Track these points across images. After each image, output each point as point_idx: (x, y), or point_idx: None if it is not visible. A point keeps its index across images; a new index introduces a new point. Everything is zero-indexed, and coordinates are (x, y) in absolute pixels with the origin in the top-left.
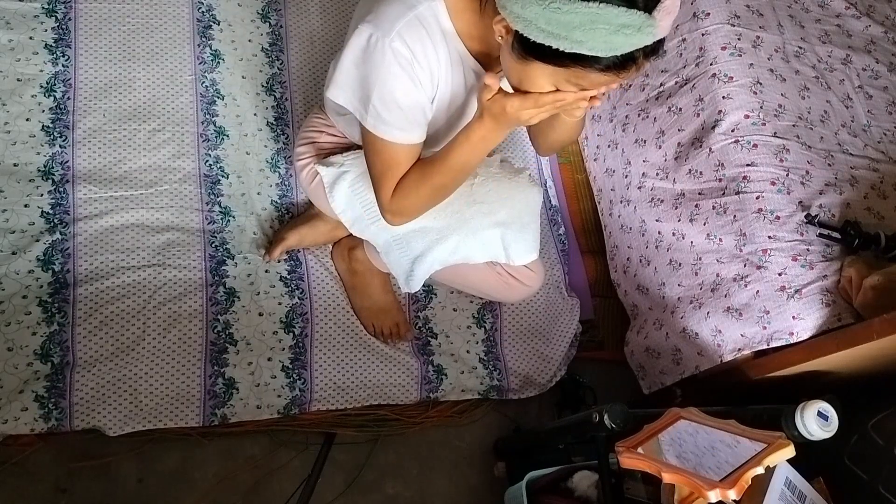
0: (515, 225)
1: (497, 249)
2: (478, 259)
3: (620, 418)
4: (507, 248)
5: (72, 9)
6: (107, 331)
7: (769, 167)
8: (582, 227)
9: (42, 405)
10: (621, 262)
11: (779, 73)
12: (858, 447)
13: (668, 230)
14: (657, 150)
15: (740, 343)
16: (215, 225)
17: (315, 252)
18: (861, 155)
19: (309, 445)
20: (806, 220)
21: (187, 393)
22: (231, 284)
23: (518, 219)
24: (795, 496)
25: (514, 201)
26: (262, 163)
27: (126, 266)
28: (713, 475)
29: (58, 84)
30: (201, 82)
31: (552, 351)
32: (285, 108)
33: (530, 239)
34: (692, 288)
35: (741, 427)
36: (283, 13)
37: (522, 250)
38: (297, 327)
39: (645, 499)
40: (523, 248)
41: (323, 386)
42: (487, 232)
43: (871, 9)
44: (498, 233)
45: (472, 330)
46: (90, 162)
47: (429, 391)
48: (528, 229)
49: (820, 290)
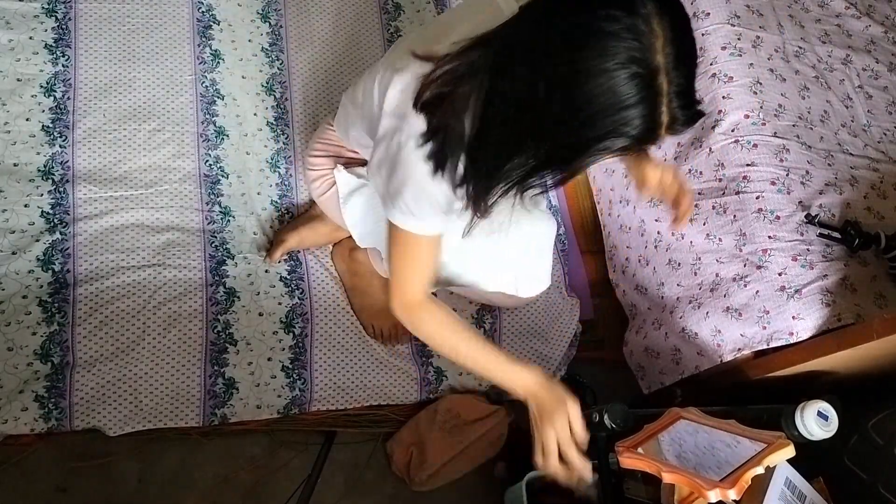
0: (530, 258)
1: (509, 281)
2: (486, 287)
3: (620, 418)
4: (518, 279)
5: (72, 9)
6: (107, 331)
7: (769, 167)
8: (581, 227)
9: (42, 405)
10: (620, 262)
11: (779, 73)
12: (858, 447)
13: (668, 230)
14: (657, 149)
15: (740, 343)
16: (215, 225)
17: (315, 252)
18: (861, 155)
19: (309, 445)
20: (806, 220)
21: (187, 393)
22: (231, 284)
23: (533, 252)
24: (795, 496)
25: (531, 237)
26: (262, 163)
27: (126, 266)
28: (713, 475)
29: (58, 84)
30: (201, 82)
31: (552, 351)
32: (285, 108)
33: (542, 271)
34: (691, 288)
35: (741, 427)
36: (283, 13)
37: (533, 282)
38: (297, 327)
39: (645, 499)
40: (534, 280)
41: (323, 386)
42: (501, 264)
43: (871, 9)
44: (510, 266)
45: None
46: (90, 162)
47: (429, 392)
48: (541, 262)
49: (820, 290)
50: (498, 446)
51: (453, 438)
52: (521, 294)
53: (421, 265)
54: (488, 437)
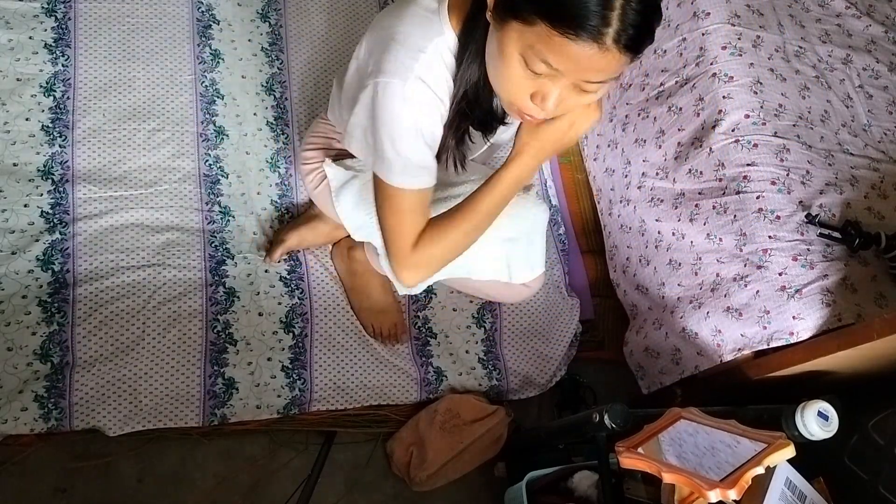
0: (521, 243)
1: (501, 267)
2: (482, 275)
3: (620, 418)
4: (511, 266)
5: (71, 8)
6: (106, 331)
7: (769, 167)
8: (582, 227)
9: (42, 405)
10: (621, 262)
11: (779, 73)
12: (858, 447)
13: (668, 230)
14: (657, 149)
15: (740, 343)
16: (215, 225)
17: (315, 252)
18: (861, 154)
19: (309, 445)
20: (806, 220)
21: (187, 393)
22: (231, 284)
23: (524, 237)
24: (796, 496)
25: (520, 219)
26: (262, 162)
27: (126, 266)
28: (713, 475)
29: (57, 84)
30: (201, 82)
31: (552, 351)
32: (285, 107)
33: (535, 257)
34: (692, 288)
35: (741, 427)
36: (283, 13)
37: (526, 268)
38: (297, 327)
39: (645, 499)
40: (527, 266)
41: (323, 386)
42: (493, 249)
43: (872, 8)
44: (503, 251)
45: (471, 330)
46: (90, 162)
47: (429, 392)
48: (533, 247)
49: (820, 290)
50: (498, 446)
51: (453, 438)
52: (515, 280)
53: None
54: (488, 437)
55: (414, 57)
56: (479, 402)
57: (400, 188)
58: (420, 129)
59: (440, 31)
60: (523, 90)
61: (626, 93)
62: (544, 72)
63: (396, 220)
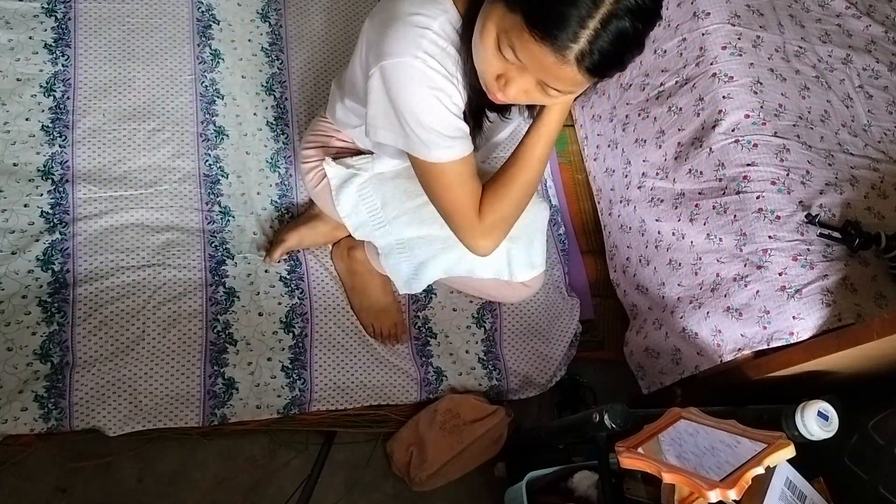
0: (521, 240)
1: (502, 265)
2: (482, 273)
3: (620, 418)
4: (511, 265)
5: (71, 8)
6: (106, 331)
7: (769, 167)
8: (582, 227)
9: (42, 405)
10: (621, 262)
11: (779, 73)
12: (858, 447)
13: (668, 230)
14: (657, 149)
15: (740, 343)
16: (215, 225)
17: (315, 252)
18: (861, 154)
19: (309, 445)
20: (806, 220)
21: (187, 393)
22: (231, 284)
23: (524, 234)
24: (796, 496)
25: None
26: (262, 162)
27: (126, 266)
28: (713, 475)
29: (57, 84)
30: (201, 82)
31: (552, 351)
32: (285, 107)
33: (535, 255)
34: (692, 288)
35: (741, 427)
36: (283, 13)
37: (526, 267)
38: (297, 327)
39: (645, 499)
40: (527, 265)
41: (323, 386)
42: None
43: (872, 8)
44: (504, 249)
45: (471, 330)
46: (90, 162)
47: (428, 392)
48: (533, 246)
49: (820, 290)
50: (498, 446)
51: (453, 438)
52: (516, 278)
53: (470, 189)
54: (488, 437)
55: (421, 34)
56: (479, 402)
57: (440, 163)
58: (439, 97)
59: (445, 9)
60: (492, 68)
61: (626, 93)
62: (511, 59)
63: (452, 196)
